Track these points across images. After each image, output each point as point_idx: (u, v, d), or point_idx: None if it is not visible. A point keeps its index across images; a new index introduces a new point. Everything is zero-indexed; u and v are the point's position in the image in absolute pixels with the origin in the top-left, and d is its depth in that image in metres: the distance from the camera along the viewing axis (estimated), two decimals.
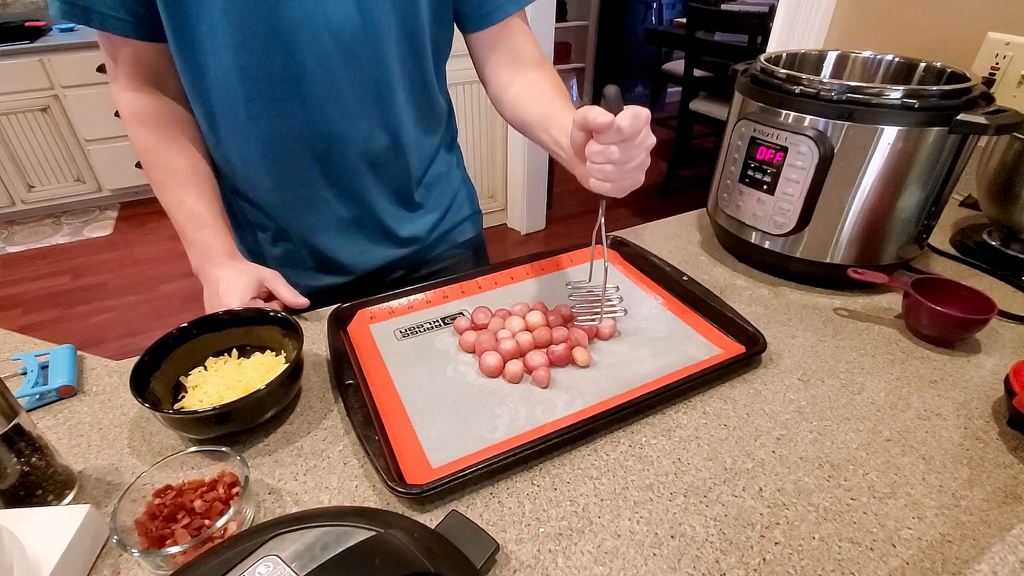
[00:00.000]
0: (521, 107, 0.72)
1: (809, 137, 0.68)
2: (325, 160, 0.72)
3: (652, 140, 0.56)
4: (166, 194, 0.70)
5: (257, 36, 0.61)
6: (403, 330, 0.70)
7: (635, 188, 0.57)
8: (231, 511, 0.44)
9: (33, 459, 0.47)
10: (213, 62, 0.63)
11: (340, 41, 0.64)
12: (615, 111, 0.52)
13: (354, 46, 0.65)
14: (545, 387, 0.60)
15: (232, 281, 0.69)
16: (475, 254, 0.95)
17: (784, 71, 0.72)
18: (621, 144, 0.53)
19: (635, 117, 0.52)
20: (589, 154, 0.55)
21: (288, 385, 0.56)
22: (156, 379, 0.57)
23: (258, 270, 0.71)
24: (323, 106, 0.67)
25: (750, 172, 0.76)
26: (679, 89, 3.04)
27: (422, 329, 0.70)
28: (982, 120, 0.62)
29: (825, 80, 0.68)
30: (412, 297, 0.75)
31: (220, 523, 0.42)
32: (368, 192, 0.76)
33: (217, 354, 0.62)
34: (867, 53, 0.86)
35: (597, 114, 0.51)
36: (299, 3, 0.60)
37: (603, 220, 0.64)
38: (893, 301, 0.76)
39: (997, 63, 0.97)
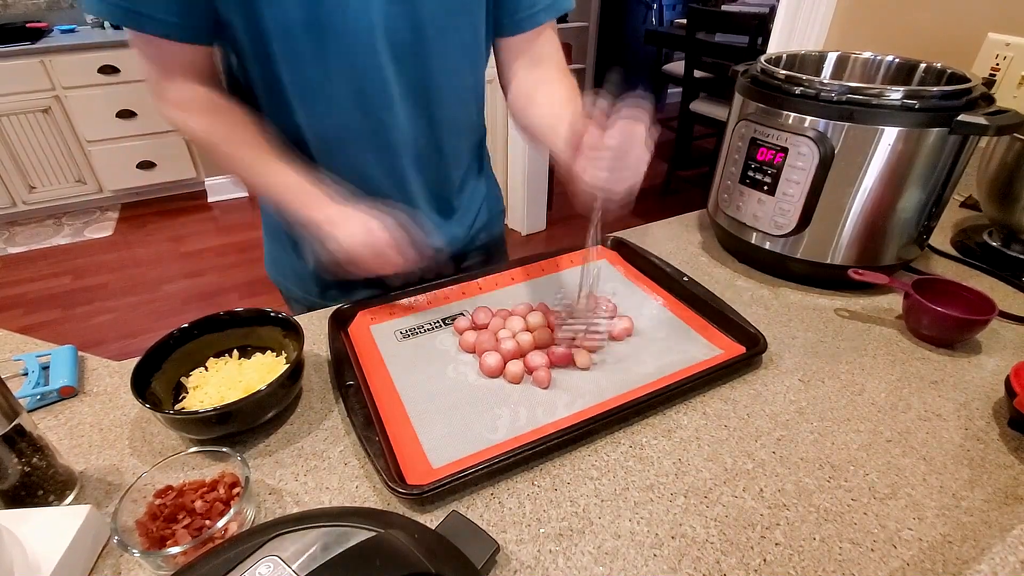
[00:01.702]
0: (534, 113, 0.72)
1: (809, 138, 0.68)
2: (379, 163, 0.72)
3: (647, 140, 0.56)
4: (259, 167, 0.65)
5: (324, 45, 0.61)
6: (403, 331, 0.70)
7: (635, 183, 0.57)
8: (232, 511, 0.44)
9: (34, 459, 0.47)
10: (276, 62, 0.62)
11: (395, 51, 0.63)
12: (612, 110, 0.53)
13: (406, 56, 0.64)
14: (546, 388, 0.60)
15: (375, 218, 0.65)
16: (498, 252, 0.95)
17: (784, 72, 0.72)
18: (617, 143, 0.54)
19: (631, 115, 0.53)
20: (585, 150, 0.55)
21: (289, 386, 0.56)
22: (157, 379, 0.57)
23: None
24: (378, 110, 0.67)
25: (750, 173, 0.76)
26: (679, 90, 3.05)
27: (422, 330, 0.70)
28: (982, 121, 0.62)
29: (825, 81, 0.68)
30: (413, 298, 0.75)
31: (221, 523, 0.42)
32: (414, 197, 0.76)
33: (218, 354, 0.62)
34: (867, 54, 0.86)
35: (591, 112, 0.52)
36: (358, 16, 0.60)
37: (599, 222, 0.62)
38: (894, 302, 0.76)
39: (997, 64, 0.97)
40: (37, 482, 0.48)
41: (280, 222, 0.80)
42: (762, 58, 0.80)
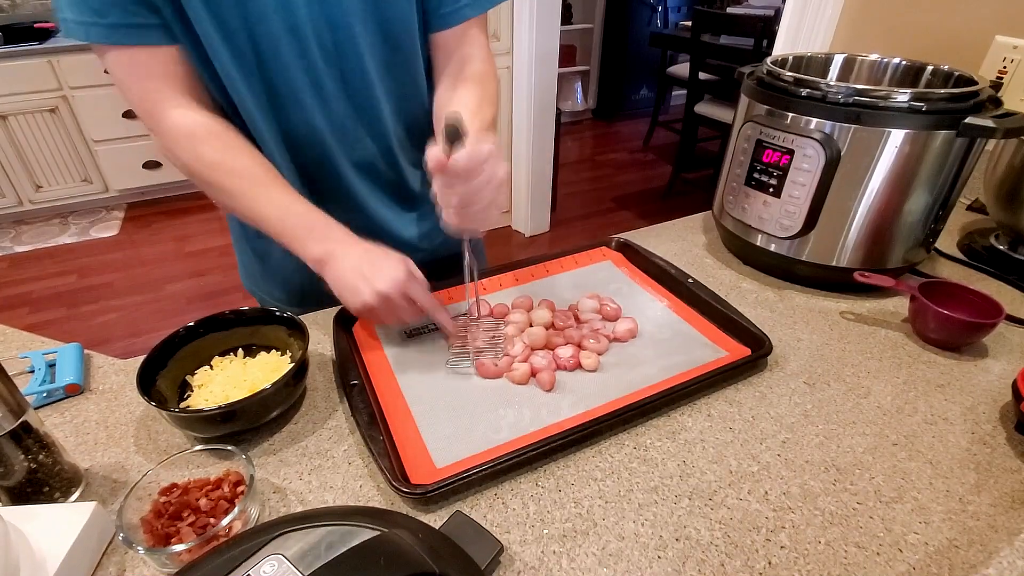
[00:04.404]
0: (437, 123, 0.70)
1: (816, 140, 0.68)
2: (318, 169, 0.71)
3: (500, 176, 0.53)
4: (254, 200, 0.63)
5: (243, 54, 0.61)
6: (408, 330, 0.70)
7: (491, 227, 0.55)
8: (236, 510, 0.44)
9: (40, 456, 0.48)
10: (220, 71, 0.62)
11: (323, 51, 0.63)
12: (453, 148, 0.50)
13: (334, 55, 0.64)
14: (549, 390, 0.60)
15: (390, 254, 0.62)
16: (476, 254, 0.95)
17: (791, 74, 0.72)
18: (462, 183, 0.51)
19: (472, 157, 0.50)
20: (436, 191, 0.54)
21: (293, 385, 0.56)
22: (162, 378, 0.57)
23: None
24: (311, 120, 0.67)
25: (756, 175, 0.76)
26: (684, 92, 3.04)
27: (427, 330, 0.70)
28: (990, 123, 0.62)
29: (832, 83, 0.68)
30: None
31: (225, 521, 0.43)
32: (365, 199, 0.76)
33: (223, 353, 0.63)
34: (874, 56, 0.86)
35: (432, 154, 0.50)
36: (281, 18, 0.59)
37: (468, 258, 0.61)
38: (900, 305, 0.75)
39: (1005, 66, 0.97)
40: (43, 479, 0.48)
41: (247, 233, 0.80)
42: (768, 60, 0.80)
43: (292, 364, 0.57)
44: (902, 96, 0.64)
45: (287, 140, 0.68)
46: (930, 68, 0.80)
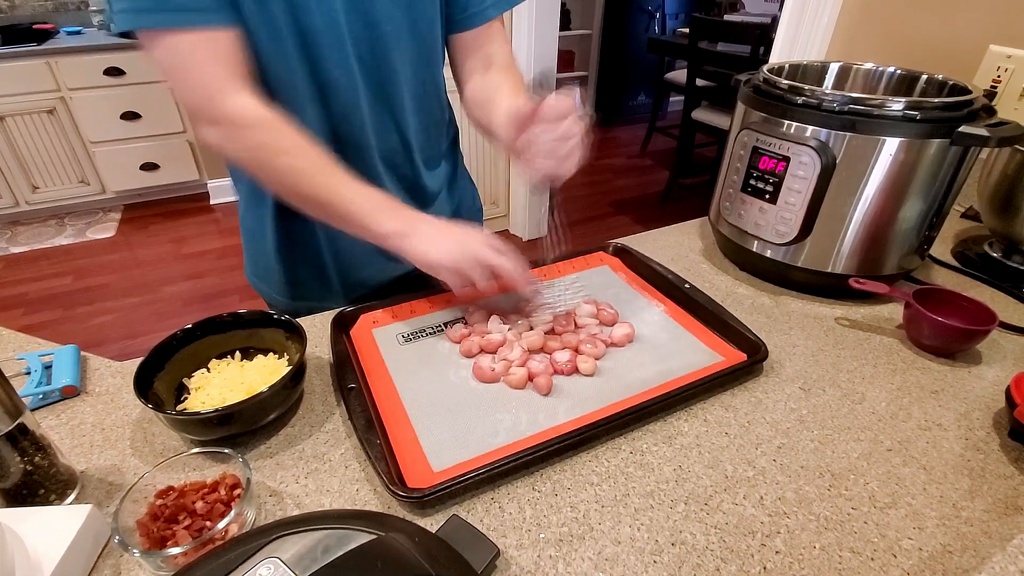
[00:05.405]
0: (479, 109, 0.75)
1: (811, 147, 0.69)
2: (352, 160, 0.72)
3: (583, 122, 0.61)
4: (326, 181, 0.64)
5: (286, 46, 0.62)
6: (405, 334, 0.70)
7: (575, 170, 0.62)
8: (232, 513, 0.44)
9: (36, 458, 0.47)
10: (266, 64, 0.64)
11: (357, 50, 0.65)
12: (544, 96, 0.58)
13: (366, 54, 0.66)
14: (546, 394, 0.60)
15: (467, 228, 0.66)
16: None
17: (787, 82, 0.72)
18: (552, 127, 0.58)
19: (563, 99, 0.58)
20: (523, 146, 0.60)
21: (290, 388, 0.56)
22: (159, 380, 0.57)
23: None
24: (348, 109, 0.68)
25: (752, 181, 0.76)
26: (681, 98, 3.06)
27: (424, 334, 0.70)
28: (983, 132, 0.63)
29: (827, 91, 0.69)
30: (415, 302, 0.75)
31: (221, 525, 0.42)
32: (390, 193, 0.77)
33: (220, 356, 0.62)
34: (869, 65, 0.86)
35: (523, 104, 0.57)
36: (324, 16, 0.62)
37: (553, 211, 0.67)
38: (894, 311, 0.76)
39: (999, 76, 0.98)
40: (39, 481, 0.48)
41: (257, 227, 0.81)
42: (765, 68, 0.80)
43: (289, 367, 0.57)
44: (897, 104, 0.65)
45: (329, 132, 0.70)
46: (924, 77, 0.81)
